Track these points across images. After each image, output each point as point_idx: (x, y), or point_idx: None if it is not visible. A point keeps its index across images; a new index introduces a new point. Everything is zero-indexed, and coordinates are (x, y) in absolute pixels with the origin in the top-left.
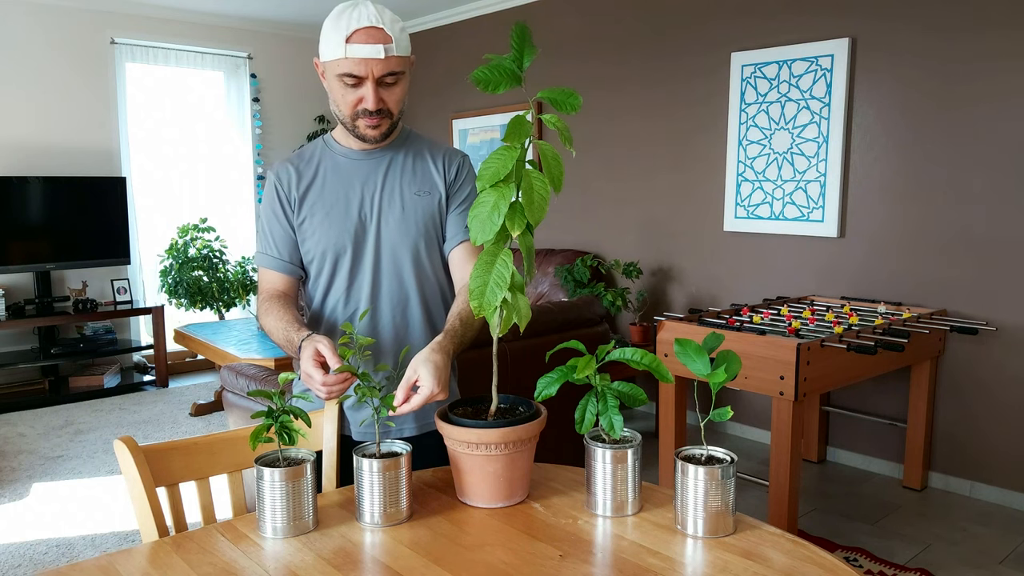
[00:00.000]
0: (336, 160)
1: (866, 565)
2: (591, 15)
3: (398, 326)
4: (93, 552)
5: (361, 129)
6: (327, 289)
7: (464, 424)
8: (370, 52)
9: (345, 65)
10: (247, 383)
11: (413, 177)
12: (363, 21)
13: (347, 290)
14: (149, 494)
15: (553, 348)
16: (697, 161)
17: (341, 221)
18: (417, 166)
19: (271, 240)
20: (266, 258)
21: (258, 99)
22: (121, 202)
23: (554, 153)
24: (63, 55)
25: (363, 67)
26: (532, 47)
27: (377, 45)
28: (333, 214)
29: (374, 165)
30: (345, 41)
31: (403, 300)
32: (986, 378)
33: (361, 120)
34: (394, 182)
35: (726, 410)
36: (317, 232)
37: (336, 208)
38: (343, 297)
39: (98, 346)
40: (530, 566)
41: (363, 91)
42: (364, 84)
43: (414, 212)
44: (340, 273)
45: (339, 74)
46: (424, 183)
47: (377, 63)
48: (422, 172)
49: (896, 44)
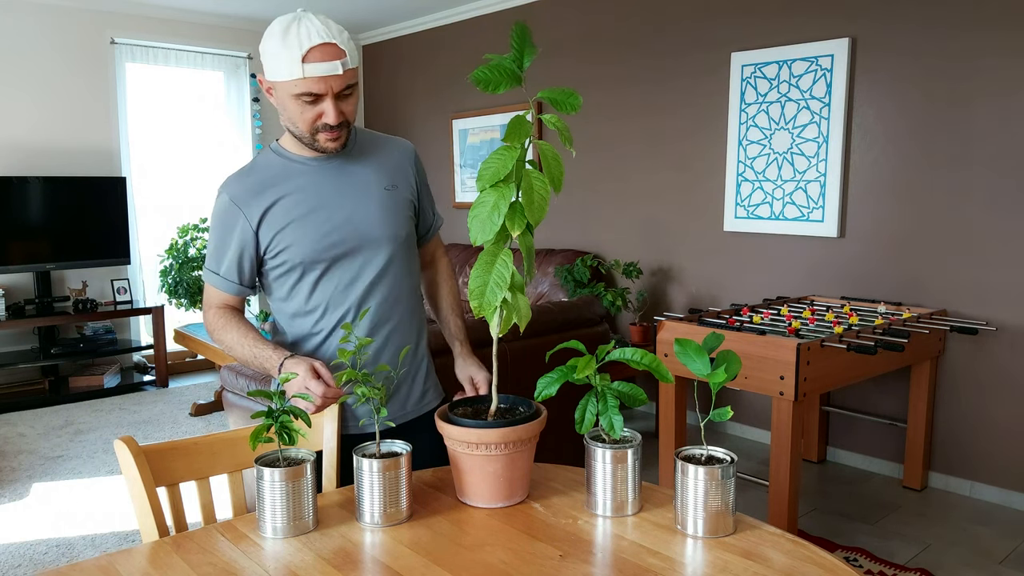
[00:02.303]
0: (297, 169)
1: (866, 565)
2: (591, 15)
3: (391, 323)
4: (93, 552)
5: (322, 143)
6: (308, 296)
7: (464, 424)
8: (328, 69)
9: (303, 85)
10: (247, 383)
11: (379, 173)
12: (315, 38)
13: (334, 295)
14: (149, 494)
15: (553, 348)
16: (697, 161)
17: (320, 228)
18: (382, 162)
19: (221, 261)
20: (214, 277)
21: (258, 99)
22: (121, 202)
23: (554, 153)
24: (63, 55)
25: (322, 85)
26: (532, 47)
27: (334, 62)
28: (309, 223)
29: (338, 169)
30: (301, 61)
31: (393, 297)
32: (986, 378)
33: (322, 134)
34: (364, 182)
35: (726, 410)
36: (295, 243)
37: (313, 216)
38: (329, 302)
39: (98, 346)
40: (530, 566)
41: (322, 107)
42: (323, 100)
43: (393, 207)
44: (326, 280)
45: (296, 93)
46: (391, 177)
47: (336, 79)
48: (384, 166)
49: (896, 44)
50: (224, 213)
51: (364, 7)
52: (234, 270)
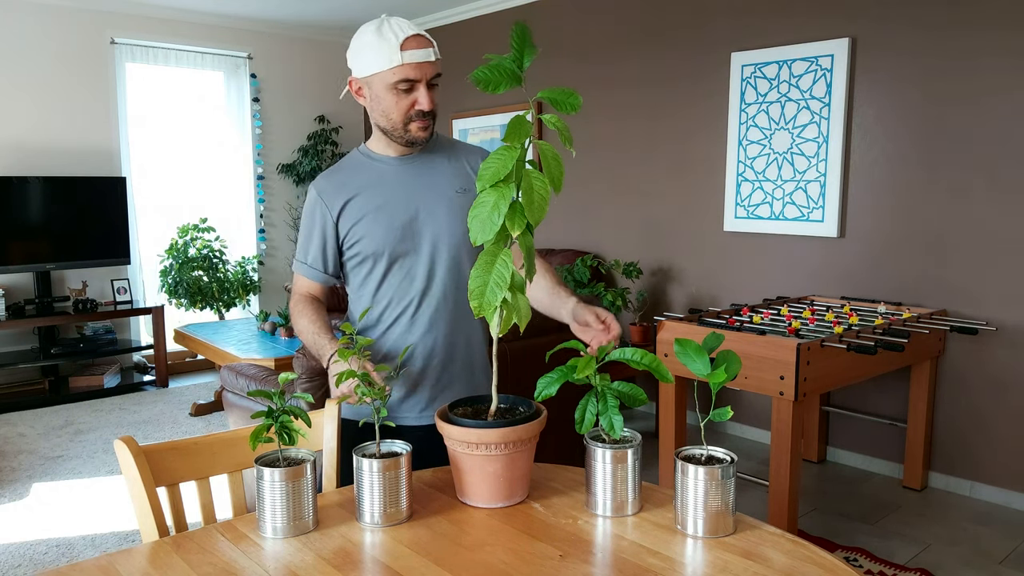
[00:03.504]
0: (378, 168)
1: (866, 565)
2: (591, 15)
3: (447, 321)
4: (93, 552)
5: (413, 132)
6: (377, 288)
7: (464, 424)
8: (424, 56)
9: (403, 71)
10: (247, 383)
11: (453, 176)
12: (407, 30)
13: (399, 288)
14: (149, 494)
15: (553, 348)
16: (697, 161)
17: (391, 222)
18: (454, 165)
19: (308, 250)
20: (302, 266)
21: (258, 99)
22: (121, 202)
23: (554, 153)
24: (63, 55)
25: (419, 71)
26: (532, 47)
27: (428, 49)
28: (381, 217)
29: (416, 169)
30: (400, 49)
31: (458, 294)
32: (986, 378)
33: (414, 123)
34: (437, 183)
35: (726, 410)
36: (367, 235)
37: (384, 211)
38: (394, 296)
39: (98, 346)
40: (530, 566)
41: (416, 95)
42: (417, 88)
43: (461, 209)
44: (393, 272)
45: (394, 82)
46: (465, 181)
47: (430, 66)
48: (460, 171)
49: (896, 44)
50: (312, 206)
51: (364, 7)
52: (319, 259)
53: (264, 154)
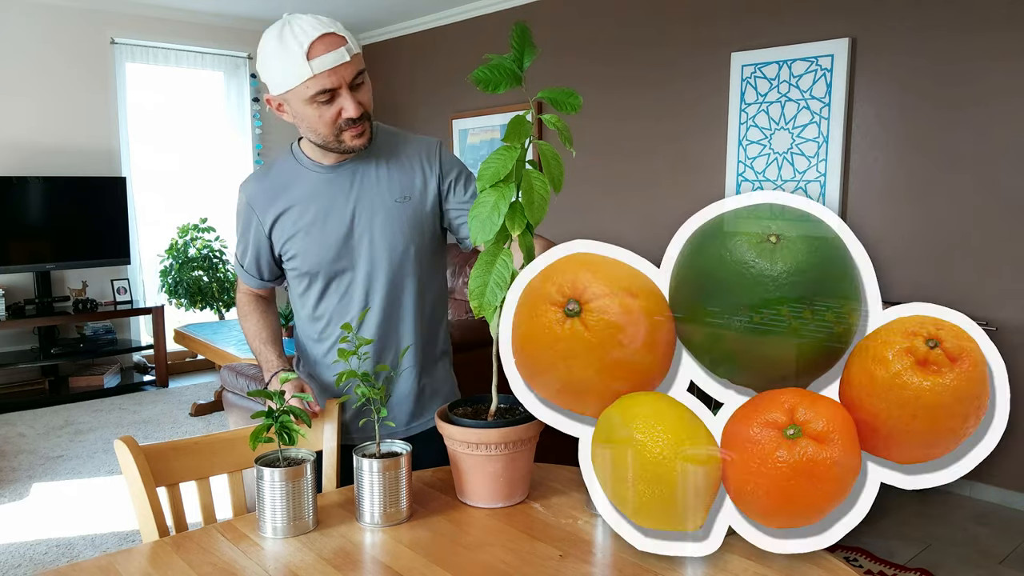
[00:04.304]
0: (310, 178)
1: (866, 565)
2: (591, 15)
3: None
4: (93, 552)
5: (348, 142)
6: (316, 305)
7: (464, 424)
8: (335, 59)
9: (316, 83)
10: (247, 383)
11: (391, 184)
12: (311, 33)
13: (337, 307)
14: (149, 494)
15: None
16: (697, 161)
17: (324, 239)
18: (393, 171)
19: (245, 254)
20: (240, 269)
21: (258, 99)
22: (121, 202)
23: (554, 153)
24: (63, 55)
25: (335, 77)
26: (532, 47)
27: (339, 50)
28: (314, 232)
29: (350, 179)
30: (306, 59)
31: (396, 312)
32: None
33: (346, 132)
34: (374, 193)
35: None
36: (301, 253)
37: (316, 226)
38: (333, 314)
39: (98, 346)
40: (530, 566)
41: (340, 102)
42: (339, 95)
43: (400, 221)
44: (330, 292)
45: (310, 96)
46: (405, 188)
47: (345, 68)
48: (400, 177)
49: (896, 44)
50: (243, 212)
51: (364, 7)
52: (254, 267)
53: (264, 154)
